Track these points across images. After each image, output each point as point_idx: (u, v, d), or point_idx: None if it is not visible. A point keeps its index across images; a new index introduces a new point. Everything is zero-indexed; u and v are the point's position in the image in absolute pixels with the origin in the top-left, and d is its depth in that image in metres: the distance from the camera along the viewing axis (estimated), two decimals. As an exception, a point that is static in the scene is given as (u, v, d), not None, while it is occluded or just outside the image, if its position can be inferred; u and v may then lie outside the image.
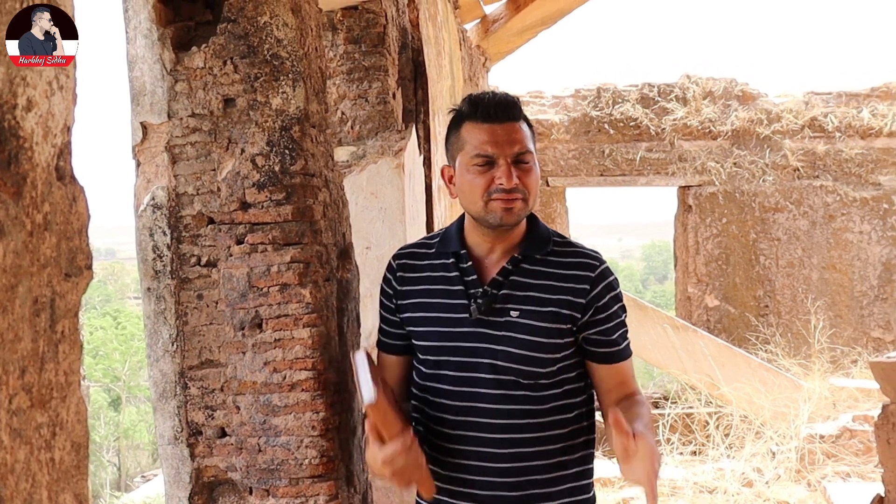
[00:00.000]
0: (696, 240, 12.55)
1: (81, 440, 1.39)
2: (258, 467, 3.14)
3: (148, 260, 3.17)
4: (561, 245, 2.56)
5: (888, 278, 12.49)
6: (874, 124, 12.41)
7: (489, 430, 2.45)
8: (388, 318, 2.70)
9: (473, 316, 2.46)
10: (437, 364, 2.53)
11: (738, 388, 10.27)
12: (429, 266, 2.61)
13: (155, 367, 3.21)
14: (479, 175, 2.40)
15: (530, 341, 2.43)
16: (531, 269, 2.50)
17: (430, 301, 2.56)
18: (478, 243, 2.55)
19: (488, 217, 2.43)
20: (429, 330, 2.55)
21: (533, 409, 2.46)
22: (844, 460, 9.10)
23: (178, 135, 3.13)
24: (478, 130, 2.42)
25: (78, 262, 1.39)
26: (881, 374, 6.49)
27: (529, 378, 2.45)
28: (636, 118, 12.47)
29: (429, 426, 2.57)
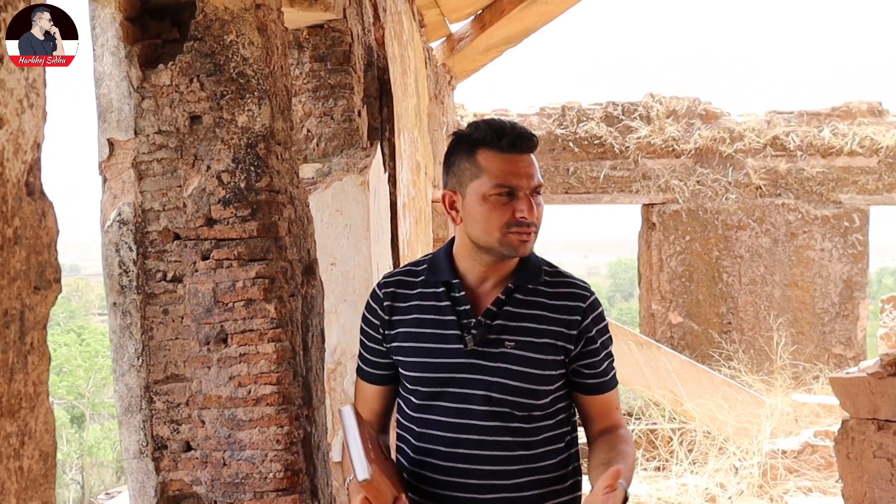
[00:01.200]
0: (660, 257, 12.63)
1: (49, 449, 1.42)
2: (223, 481, 3.16)
3: (114, 275, 3.20)
4: (552, 275, 2.53)
5: (849, 295, 12.61)
6: (835, 143, 12.54)
7: (482, 461, 2.40)
8: (371, 347, 2.59)
9: (468, 347, 2.39)
10: (429, 395, 2.45)
11: (702, 404, 10.33)
12: (418, 295, 2.52)
13: (120, 382, 3.23)
14: (498, 206, 2.34)
15: (526, 373, 2.40)
16: (524, 299, 2.46)
17: (421, 331, 2.47)
18: (472, 272, 2.48)
19: (502, 249, 2.37)
20: (421, 361, 2.46)
21: (527, 440, 2.42)
22: (806, 475, 9.18)
23: (145, 151, 3.16)
24: (500, 160, 2.35)
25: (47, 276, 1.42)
26: (841, 389, 6.58)
27: (524, 410, 2.41)
28: (601, 136, 12.54)
29: (417, 458, 2.50)
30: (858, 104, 12.87)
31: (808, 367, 12.11)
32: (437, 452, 2.44)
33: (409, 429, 2.53)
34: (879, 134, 12.61)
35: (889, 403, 6.08)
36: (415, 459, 2.50)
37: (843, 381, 6.57)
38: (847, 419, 6.64)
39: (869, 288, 12.96)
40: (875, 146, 12.56)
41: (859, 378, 6.34)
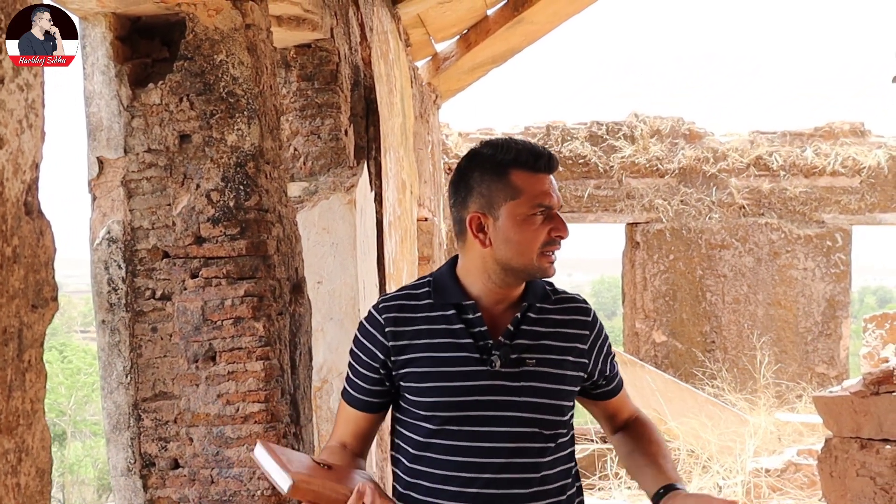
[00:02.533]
0: (644, 276, 12.67)
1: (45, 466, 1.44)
2: (211, 499, 3.17)
3: (103, 293, 3.21)
4: (555, 293, 2.52)
5: (832, 314, 12.67)
6: (818, 163, 12.61)
7: (508, 485, 2.35)
8: (364, 374, 2.46)
9: (496, 367, 2.34)
10: (447, 420, 2.36)
11: (685, 423, 10.35)
12: (425, 318, 2.43)
13: (109, 399, 3.24)
14: (538, 225, 2.29)
15: (551, 389, 2.38)
16: (538, 318, 2.43)
17: (435, 355, 2.38)
18: (488, 295, 2.41)
19: (535, 271, 2.35)
20: (439, 385, 2.37)
21: (550, 459, 2.40)
22: (790, 494, 9.21)
23: (135, 170, 3.18)
24: (535, 180, 2.29)
25: (44, 294, 1.44)
26: (824, 408, 6.61)
27: (550, 428, 2.39)
28: (585, 156, 12.59)
29: (435, 487, 2.40)
30: (841, 125, 12.96)
31: (792, 386, 12.16)
32: (459, 479, 2.36)
33: (420, 458, 2.42)
34: (862, 154, 12.69)
35: (872, 422, 6.11)
36: (431, 489, 2.40)
37: (827, 399, 6.60)
38: (830, 438, 6.67)
39: (851, 307, 13.02)
40: (857, 166, 12.64)
41: (842, 397, 6.37)
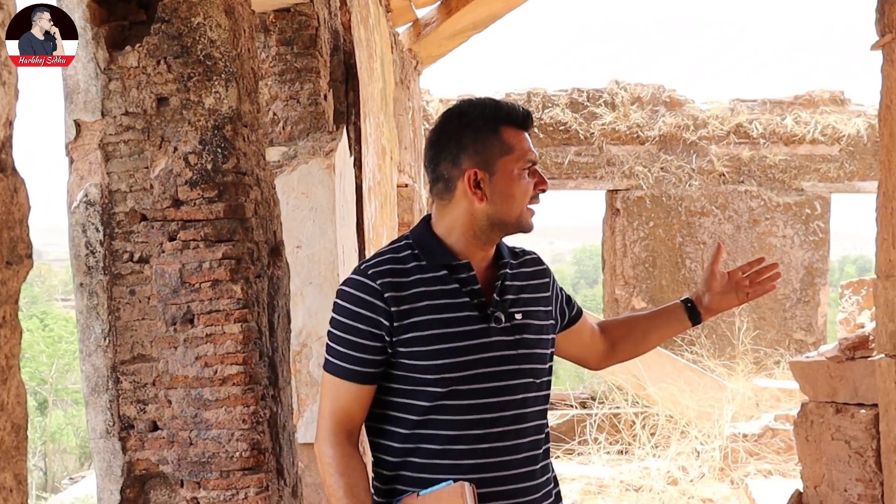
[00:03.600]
0: (624, 243, 12.70)
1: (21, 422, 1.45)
2: (189, 460, 3.19)
3: (80, 256, 3.21)
4: (515, 249, 2.61)
5: (810, 282, 12.74)
6: (797, 131, 12.65)
7: (517, 436, 2.42)
8: (364, 344, 2.37)
9: (498, 325, 2.38)
10: (455, 381, 2.35)
11: (664, 389, 10.41)
12: (419, 281, 2.40)
13: (87, 362, 3.25)
14: (526, 181, 2.36)
15: (539, 340, 2.47)
16: (512, 272, 2.50)
17: (439, 317, 2.37)
18: (474, 253, 2.44)
19: (521, 225, 2.41)
20: (446, 347, 2.35)
21: (543, 408, 2.51)
22: (766, 458, 9.29)
23: (112, 133, 3.17)
24: (521, 137, 2.38)
25: (19, 251, 1.44)
26: (800, 373, 6.67)
27: (540, 376, 2.47)
28: (565, 122, 12.59)
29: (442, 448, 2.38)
30: (821, 93, 12.99)
31: (770, 353, 12.23)
32: (468, 437, 2.37)
33: (419, 430, 2.40)
34: (841, 122, 12.72)
35: (847, 387, 6.16)
36: (428, 462, 2.39)
37: (803, 364, 6.65)
38: (806, 402, 6.73)
39: (831, 276, 13.08)
40: (837, 134, 12.68)
41: (818, 362, 6.42)
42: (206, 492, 3.19)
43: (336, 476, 2.39)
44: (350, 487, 2.38)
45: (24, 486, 1.46)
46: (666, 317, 2.76)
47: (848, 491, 6.09)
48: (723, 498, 8.68)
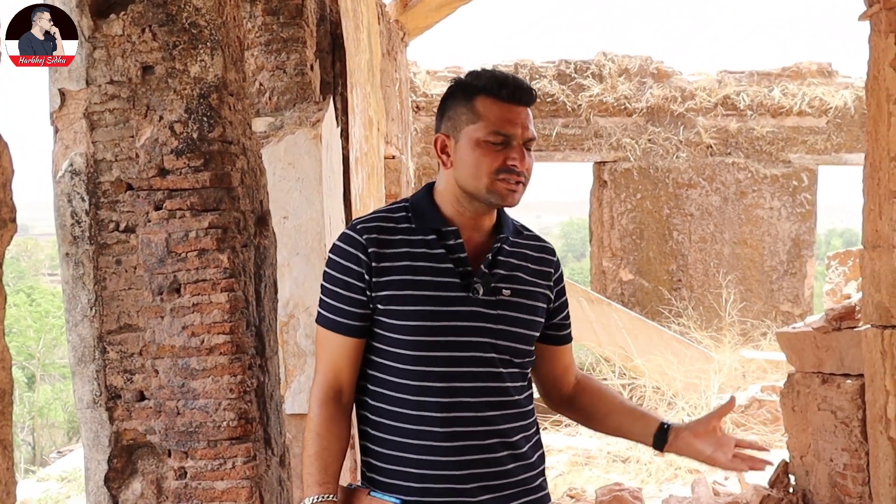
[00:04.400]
0: (611, 215, 12.73)
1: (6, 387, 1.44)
2: (177, 430, 3.18)
3: (66, 226, 3.19)
4: (525, 230, 2.61)
5: (797, 253, 12.79)
6: (785, 103, 12.67)
7: (484, 408, 2.41)
8: (348, 296, 2.43)
9: (477, 295, 2.39)
10: (428, 345, 2.38)
11: (651, 360, 10.46)
12: (404, 241, 2.44)
13: (73, 332, 3.24)
14: (491, 152, 2.35)
15: (524, 319, 2.46)
16: (511, 250, 2.49)
17: (416, 279, 2.40)
18: (459, 220, 2.47)
19: (489, 196, 2.38)
20: (419, 309, 2.39)
21: (519, 385, 2.49)
22: (753, 429, 9.33)
23: (97, 101, 3.15)
24: (498, 108, 2.36)
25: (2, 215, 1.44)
26: (787, 344, 6.69)
27: (521, 356, 2.47)
28: (553, 94, 12.59)
29: (416, 414, 2.41)
30: (808, 65, 13.01)
31: (756, 324, 12.29)
32: (437, 404, 2.39)
33: (395, 384, 2.43)
34: (829, 94, 12.75)
35: (833, 357, 6.18)
36: (408, 415, 2.41)
37: (790, 335, 6.68)
38: (793, 373, 6.75)
39: (818, 248, 13.13)
40: (824, 106, 12.71)
41: (805, 333, 6.44)
42: (193, 461, 3.19)
43: (313, 434, 2.46)
44: (320, 450, 2.44)
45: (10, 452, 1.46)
46: (637, 421, 2.58)
47: (834, 461, 6.11)
48: (709, 468, 8.71)
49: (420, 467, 2.40)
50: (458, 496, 2.39)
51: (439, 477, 2.39)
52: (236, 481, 3.20)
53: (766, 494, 6.74)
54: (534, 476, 2.51)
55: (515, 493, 2.45)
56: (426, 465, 2.39)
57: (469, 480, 2.39)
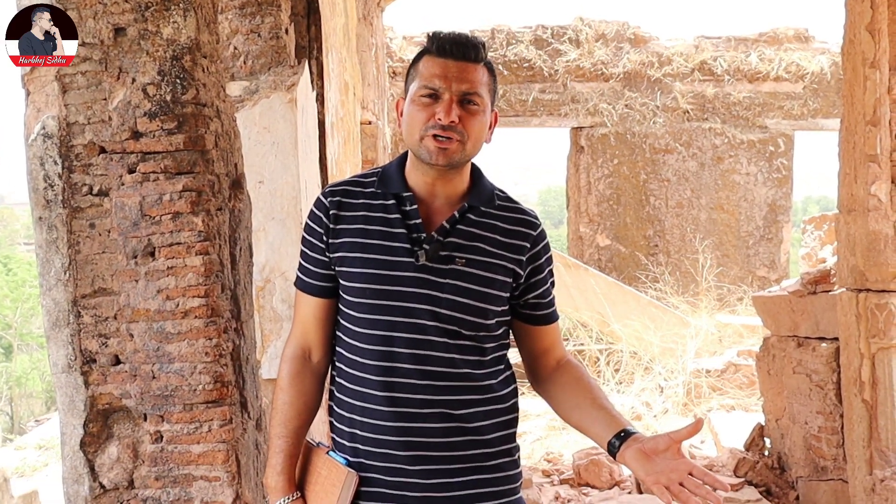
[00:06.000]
0: (588, 180, 12.76)
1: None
2: (152, 394, 3.18)
3: (39, 189, 3.17)
4: (503, 200, 2.53)
5: (773, 219, 12.86)
6: (762, 69, 12.71)
7: (427, 377, 2.39)
8: (313, 256, 2.52)
9: (420, 261, 2.37)
10: (372, 308, 2.41)
11: (628, 325, 10.51)
12: (365, 205, 2.48)
13: (48, 296, 3.22)
14: (422, 108, 2.33)
15: (475, 290, 2.39)
16: (477, 220, 2.45)
17: (367, 242, 2.42)
18: (420, 185, 2.46)
19: (421, 153, 2.36)
20: (366, 272, 2.41)
21: (473, 359, 2.43)
22: (729, 394, 9.42)
23: (68, 64, 3.13)
24: (433, 64, 2.35)
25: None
26: (763, 308, 6.74)
27: (471, 329, 2.41)
28: (530, 59, 12.59)
29: (359, 375, 2.45)
30: (785, 30, 13.05)
31: (733, 289, 12.37)
32: (380, 368, 2.40)
33: (349, 345, 2.47)
34: (805, 60, 12.79)
35: (809, 321, 6.23)
36: (356, 377, 2.44)
37: (765, 299, 6.72)
38: (768, 337, 6.81)
39: (794, 215, 13.21)
40: (801, 72, 12.75)
41: (780, 297, 6.49)
42: (169, 425, 3.19)
43: (278, 390, 2.56)
44: (281, 405, 2.55)
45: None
46: (599, 422, 2.40)
47: (808, 423, 6.18)
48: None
49: (364, 430, 2.43)
50: (395, 463, 2.40)
51: (379, 441, 2.41)
52: (212, 444, 3.20)
53: (742, 457, 6.81)
54: (489, 454, 2.47)
55: (460, 469, 2.43)
56: (368, 429, 2.42)
57: (404, 448, 2.39)
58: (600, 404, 2.43)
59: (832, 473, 5.97)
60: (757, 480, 6.64)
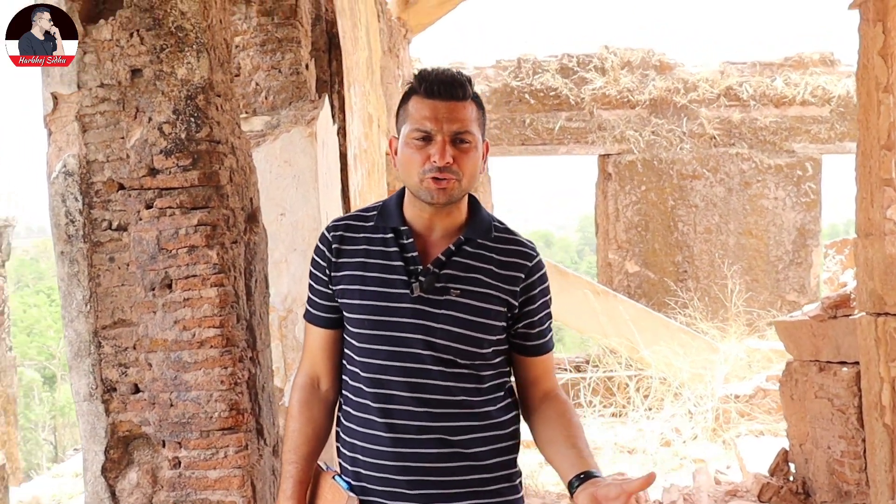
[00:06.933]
0: (616, 207, 12.78)
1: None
2: (170, 421, 3.29)
3: (61, 225, 3.30)
4: (501, 231, 2.57)
5: (802, 243, 12.83)
6: (788, 93, 12.70)
7: (423, 404, 2.45)
8: (318, 289, 2.60)
9: (415, 293, 2.43)
10: (372, 339, 2.47)
11: (658, 351, 10.50)
12: (365, 239, 2.54)
13: (70, 328, 3.34)
14: (416, 150, 2.38)
15: (469, 321, 2.43)
16: (473, 252, 2.49)
17: (366, 275, 2.49)
18: (417, 219, 2.51)
19: (421, 193, 2.40)
20: (364, 303, 2.48)
21: (469, 387, 2.48)
22: (757, 418, 9.39)
23: (88, 104, 3.26)
24: (421, 105, 2.39)
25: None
26: (784, 332, 6.76)
27: (467, 358, 2.45)
28: (556, 88, 12.66)
29: (361, 402, 2.53)
30: (811, 54, 13.05)
31: (762, 314, 12.33)
32: (379, 395, 2.47)
33: (352, 373, 2.55)
34: (831, 83, 12.78)
35: (830, 345, 6.23)
36: (358, 403, 2.52)
37: (787, 324, 6.74)
38: (791, 361, 6.82)
39: (823, 239, 13.16)
40: (827, 95, 12.74)
41: (802, 321, 6.50)
42: (186, 451, 3.29)
43: (289, 417, 2.63)
44: (291, 432, 2.62)
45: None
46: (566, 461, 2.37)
47: (831, 448, 6.18)
48: (714, 458, 8.78)
49: (365, 455, 2.49)
50: (394, 487, 2.46)
51: (379, 466, 2.47)
52: (228, 470, 3.30)
53: (766, 483, 6.82)
54: (488, 479, 2.51)
55: (458, 494, 2.47)
56: (369, 454, 2.49)
57: (403, 473, 2.45)
58: (573, 443, 2.41)
59: (856, 498, 5.97)
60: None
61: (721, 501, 6.82)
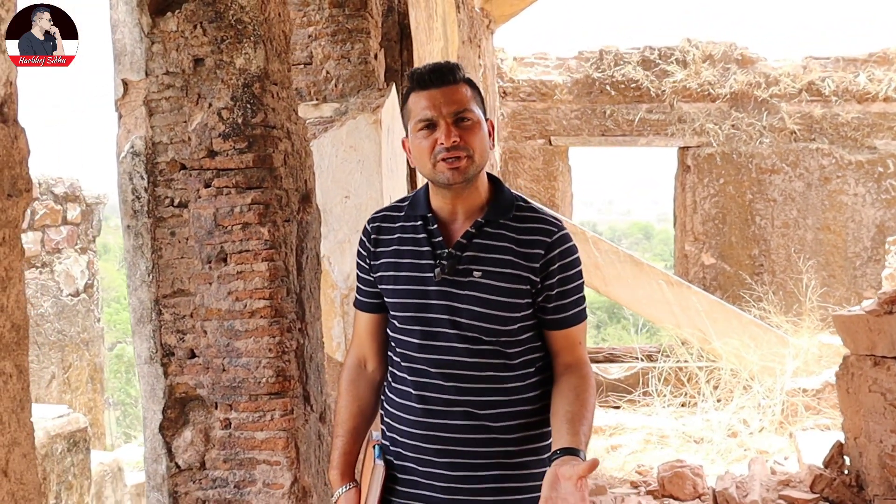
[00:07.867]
0: (694, 199, 12.81)
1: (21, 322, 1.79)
2: (222, 385, 3.55)
3: (128, 201, 3.58)
4: (523, 210, 2.65)
5: (881, 240, 12.70)
6: (871, 89, 12.61)
7: (452, 379, 2.59)
8: (363, 277, 2.77)
9: (437, 277, 2.55)
10: (405, 320, 2.63)
11: (729, 343, 10.52)
12: (400, 228, 2.69)
13: (134, 296, 3.63)
14: (424, 139, 2.50)
15: (491, 300, 2.53)
16: (494, 232, 2.58)
17: (400, 261, 2.64)
18: (441, 206, 2.63)
19: (438, 178, 2.52)
20: (398, 288, 2.63)
21: (496, 362, 2.59)
22: (824, 413, 9.40)
23: (155, 90, 3.54)
24: (420, 98, 2.53)
25: (19, 186, 1.79)
26: (842, 327, 6.82)
27: (492, 335, 2.56)
28: (637, 80, 12.72)
29: (397, 388, 2.72)
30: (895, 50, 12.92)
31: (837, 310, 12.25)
32: (414, 370, 2.65)
33: (394, 352, 2.74)
34: (916, 80, 12.67)
35: (885, 340, 6.28)
36: (399, 377, 2.72)
37: (844, 318, 6.80)
38: (847, 356, 6.87)
39: (897, 234, 13.05)
40: (911, 92, 12.63)
41: (858, 316, 6.55)
42: (236, 413, 3.56)
43: (338, 395, 2.85)
44: (339, 407, 2.84)
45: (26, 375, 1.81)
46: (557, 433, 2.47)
47: (883, 442, 6.23)
48: (779, 450, 8.82)
49: (401, 424, 2.69)
50: (424, 454, 2.64)
51: (412, 434, 2.66)
52: (274, 432, 3.55)
53: (819, 474, 6.88)
54: (513, 452, 2.63)
55: (483, 464, 2.62)
56: (404, 423, 2.68)
57: (432, 442, 2.62)
58: (569, 418, 2.48)
59: (907, 492, 6.02)
60: (833, 497, 6.71)
61: (773, 490, 6.90)
